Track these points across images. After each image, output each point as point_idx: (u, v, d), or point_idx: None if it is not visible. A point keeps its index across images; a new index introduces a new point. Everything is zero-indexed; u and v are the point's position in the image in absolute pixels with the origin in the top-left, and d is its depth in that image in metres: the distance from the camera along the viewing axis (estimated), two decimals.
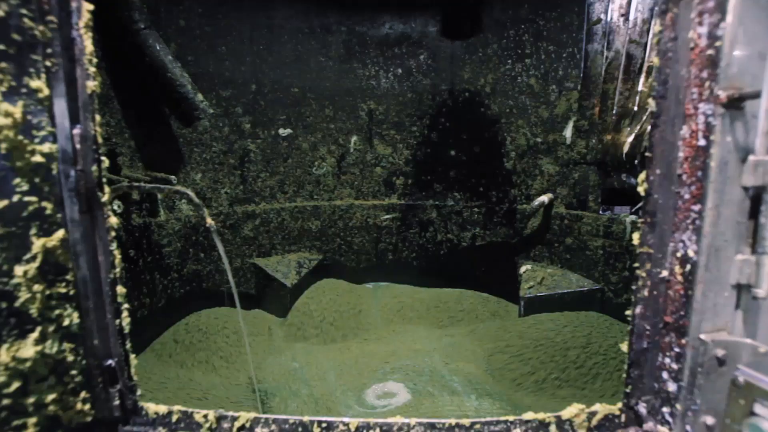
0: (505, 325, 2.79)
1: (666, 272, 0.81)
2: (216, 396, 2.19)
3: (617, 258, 2.79)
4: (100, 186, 0.82)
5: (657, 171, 0.79)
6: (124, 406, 0.82)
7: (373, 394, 2.20)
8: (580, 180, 3.05)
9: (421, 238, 3.55)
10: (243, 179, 3.30)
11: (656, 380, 0.84)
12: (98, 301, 0.82)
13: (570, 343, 2.47)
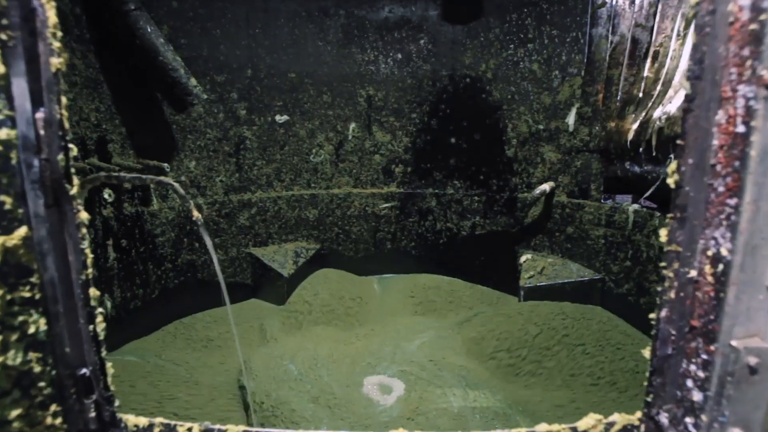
0: (503, 316, 2.72)
1: (694, 272, 0.73)
2: (212, 391, 2.12)
3: (619, 248, 2.72)
4: (68, 177, 0.72)
5: (689, 161, 0.71)
6: (101, 418, 0.74)
7: (370, 388, 2.14)
8: (583, 168, 2.96)
9: (420, 226, 3.47)
10: (238, 167, 3.19)
11: (679, 388, 0.76)
12: (69, 304, 0.73)
13: (568, 338, 2.41)
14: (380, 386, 2.14)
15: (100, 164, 2.49)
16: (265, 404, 1.98)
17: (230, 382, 2.23)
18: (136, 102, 2.72)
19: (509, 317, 2.65)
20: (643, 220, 2.56)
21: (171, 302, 2.87)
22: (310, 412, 1.91)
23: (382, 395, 2.08)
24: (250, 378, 2.19)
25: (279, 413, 1.92)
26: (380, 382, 2.17)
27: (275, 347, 2.48)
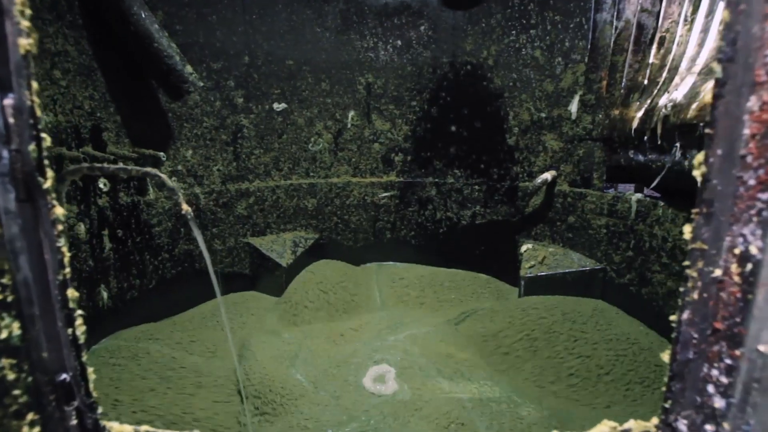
0: (503, 309, 2.68)
1: (719, 271, 0.67)
2: (212, 385, 2.08)
3: (621, 237, 2.66)
4: (41, 169, 0.66)
5: (718, 151, 0.64)
6: (84, 426, 0.68)
7: (369, 379, 2.10)
8: (585, 157, 2.89)
9: (420, 216, 3.41)
10: (236, 156, 3.11)
11: (699, 394, 0.70)
12: (45, 306, 0.67)
13: (568, 332, 2.36)
14: (379, 378, 2.10)
15: (94, 153, 2.41)
16: (264, 395, 1.94)
17: (227, 373, 2.19)
18: (131, 90, 2.63)
19: (509, 311, 2.61)
20: (646, 210, 2.50)
21: (168, 292, 2.82)
22: (311, 403, 1.87)
23: (381, 387, 2.04)
24: (250, 368, 2.15)
25: (277, 403, 1.88)
26: (378, 373, 2.13)
27: (273, 339, 2.44)
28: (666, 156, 2.26)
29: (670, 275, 2.32)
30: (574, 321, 2.40)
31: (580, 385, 2.13)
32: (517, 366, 2.29)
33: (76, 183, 2.31)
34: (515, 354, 2.34)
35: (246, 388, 2.04)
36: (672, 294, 2.30)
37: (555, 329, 2.37)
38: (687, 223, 0.70)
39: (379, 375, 2.12)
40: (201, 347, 2.42)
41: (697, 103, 2.03)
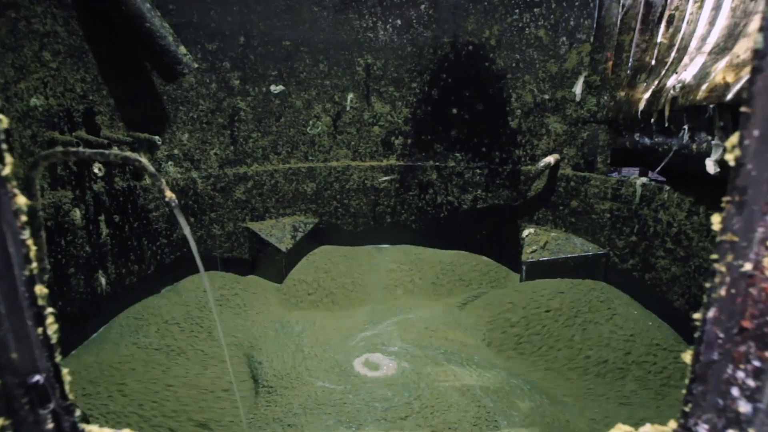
0: (504, 294, 2.63)
1: (750, 265, 0.61)
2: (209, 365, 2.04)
3: (625, 222, 2.59)
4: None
5: (755, 132, 0.57)
6: (61, 429, 0.62)
7: (369, 365, 2.05)
8: (589, 140, 2.80)
9: (420, 200, 3.34)
10: (233, 139, 3.03)
11: (722, 397, 0.64)
12: (12, 305, 0.61)
13: (570, 316, 2.31)
14: (381, 364, 2.06)
15: (88, 137, 2.33)
16: (269, 382, 1.91)
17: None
18: (124, 72, 2.53)
19: (512, 295, 2.56)
20: (651, 194, 2.42)
21: (167, 277, 2.77)
22: (312, 390, 1.84)
23: (384, 373, 2.00)
24: (258, 355, 2.11)
25: (278, 389, 1.84)
26: (381, 360, 2.09)
27: (274, 324, 2.40)
28: (673, 139, 2.17)
29: (674, 261, 2.26)
30: (576, 303, 2.35)
31: (582, 368, 2.09)
32: (520, 350, 2.25)
33: (70, 168, 2.24)
34: (517, 338, 2.30)
35: (256, 375, 2.01)
36: (676, 280, 2.24)
37: (558, 312, 2.32)
38: (715, 211, 0.63)
39: (379, 363, 2.08)
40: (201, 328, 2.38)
41: (707, 83, 1.94)
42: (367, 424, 1.62)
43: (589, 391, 1.95)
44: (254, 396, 1.91)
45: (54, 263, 2.07)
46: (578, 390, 1.98)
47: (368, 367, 2.03)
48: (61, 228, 2.12)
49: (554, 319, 2.30)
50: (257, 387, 1.95)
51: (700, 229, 2.11)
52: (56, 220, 2.09)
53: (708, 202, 2.09)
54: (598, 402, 1.87)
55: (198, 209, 2.93)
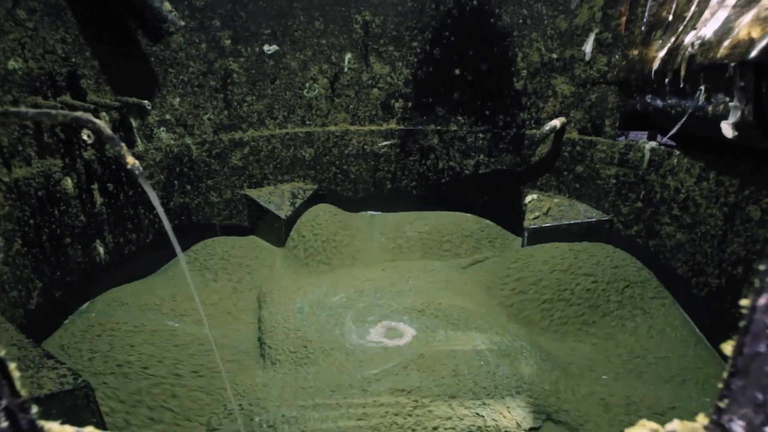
0: (507, 258, 2.58)
1: None
2: None
3: (630, 188, 2.51)
4: None
5: None
6: (18, 427, 0.58)
7: (375, 331, 2.04)
8: (598, 102, 2.66)
9: (421, 165, 3.23)
10: (227, 103, 2.89)
11: (763, 391, 0.59)
12: None
13: (575, 278, 2.28)
14: (389, 330, 2.05)
15: (73, 102, 2.22)
16: (276, 347, 1.90)
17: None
18: (108, 32, 2.38)
19: (516, 259, 2.51)
20: (660, 159, 2.32)
21: (167, 246, 2.73)
22: (314, 361, 1.83)
23: (391, 339, 1.99)
24: (262, 321, 2.10)
25: (287, 354, 1.84)
26: (388, 326, 2.08)
27: (276, 289, 2.37)
28: (688, 101, 2.04)
29: (680, 228, 2.19)
30: (582, 266, 2.31)
31: (586, 329, 2.08)
32: (524, 314, 2.23)
33: (58, 135, 2.14)
34: (521, 302, 2.28)
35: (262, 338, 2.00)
36: (680, 247, 2.18)
37: (562, 275, 2.28)
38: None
39: (389, 328, 2.06)
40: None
41: (729, 40, 1.79)
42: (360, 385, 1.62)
43: (596, 356, 1.94)
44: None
45: (49, 233, 2.02)
46: (584, 354, 1.97)
47: (378, 332, 2.01)
48: (53, 197, 2.06)
49: (558, 282, 2.27)
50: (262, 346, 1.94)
51: (709, 195, 2.03)
52: (47, 189, 2.02)
53: (719, 167, 1.99)
54: (604, 367, 1.86)
55: (194, 176, 2.85)
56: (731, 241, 1.90)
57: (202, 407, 1.66)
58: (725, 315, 1.89)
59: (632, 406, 1.58)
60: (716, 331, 1.98)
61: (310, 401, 1.57)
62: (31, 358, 1.54)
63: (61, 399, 1.42)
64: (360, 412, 1.52)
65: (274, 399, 1.60)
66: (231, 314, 2.31)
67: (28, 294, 1.89)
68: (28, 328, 1.81)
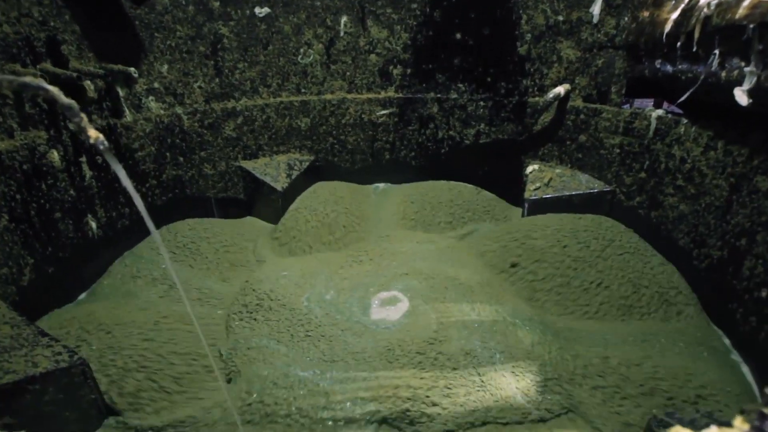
0: (506, 228, 2.53)
1: None
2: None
3: (635, 158, 2.43)
4: None
5: None
6: None
7: (376, 304, 2.02)
8: (604, 68, 2.54)
9: (420, 135, 3.13)
10: (218, 71, 2.76)
11: None
12: None
13: (574, 250, 2.24)
14: (386, 301, 2.02)
15: (54, 70, 2.09)
16: (279, 321, 1.88)
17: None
18: None
19: (513, 229, 2.47)
20: (667, 128, 2.24)
21: (161, 220, 2.67)
22: (318, 332, 1.81)
23: (389, 311, 1.97)
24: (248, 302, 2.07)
25: (290, 332, 1.82)
26: (386, 297, 2.06)
27: (273, 266, 2.33)
28: (700, 66, 1.94)
29: (684, 198, 2.14)
30: (580, 238, 2.27)
31: (584, 301, 2.06)
32: (520, 284, 2.20)
33: (41, 106, 2.03)
34: (518, 272, 2.25)
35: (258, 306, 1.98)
36: (683, 218, 2.14)
37: (561, 246, 2.25)
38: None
39: (386, 299, 2.04)
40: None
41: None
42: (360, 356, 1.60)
43: (596, 327, 1.93)
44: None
45: (37, 208, 1.96)
46: (584, 325, 1.96)
47: (376, 305, 1.99)
48: (39, 171, 1.98)
49: (556, 252, 2.23)
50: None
51: (715, 165, 1.97)
52: (32, 162, 1.94)
53: (728, 136, 1.92)
54: (605, 337, 1.85)
55: (186, 148, 2.75)
56: (736, 212, 1.85)
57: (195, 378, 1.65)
58: (727, 287, 1.87)
59: (632, 375, 1.58)
60: (716, 302, 1.96)
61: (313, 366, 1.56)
62: (24, 336, 1.51)
63: (57, 377, 1.40)
64: (366, 384, 1.51)
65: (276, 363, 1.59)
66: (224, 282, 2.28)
67: (20, 271, 1.84)
68: (21, 305, 1.78)
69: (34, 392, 1.36)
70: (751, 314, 1.72)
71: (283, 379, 1.57)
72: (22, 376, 1.34)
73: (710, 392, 1.52)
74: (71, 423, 1.46)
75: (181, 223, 2.70)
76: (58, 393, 1.42)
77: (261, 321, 1.91)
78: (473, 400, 1.47)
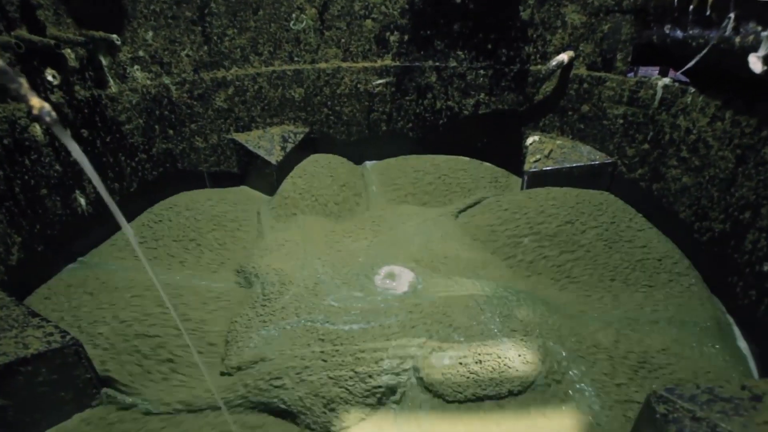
0: (503, 201, 2.48)
1: None
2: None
3: (638, 128, 2.36)
4: None
5: None
6: None
7: (377, 278, 1.99)
8: (610, 33, 2.42)
9: (418, 106, 3.02)
10: (206, 38, 2.61)
11: None
12: None
13: (572, 226, 2.20)
14: (386, 275, 1.99)
15: (31, 38, 1.96)
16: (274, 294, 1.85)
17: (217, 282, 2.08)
18: None
19: (511, 203, 2.42)
20: (673, 97, 2.15)
21: (152, 195, 2.59)
22: (316, 308, 1.78)
23: (390, 284, 1.94)
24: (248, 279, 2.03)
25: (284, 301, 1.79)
26: (386, 271, 2.02)
27: (270, 240, 2.29)
28: (712, 31, 1.84)
29: (687, 170, 2.08)
30: (579, 214, 2.23)
31: (582, 276, 2.04)
32: (518, 258, 2.17)
33: None
34: (515, 247, 2.21)
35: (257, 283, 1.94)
36: (685, 191, 2.09)
37: (558, 221, 2.21)
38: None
39: (386, 274, 2.01)
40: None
41: None
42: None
43: (594, 301, 1.91)
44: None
45: (22, 185, 1.88)
46: (582, 299, 1.94)
47: (376, 279, 1.96)
48: (21, 146, 1.88)
49: (555, 228, 2.19)
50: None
51: (722, 136, 1.90)
52: (13, 137, 1.84)
53: (737, 106, 1.84)
54: (604, 312, 1.84)
55: (176, 120, 2.64)
56: (741, 185, 1.80)
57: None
58: (727, 260, 1.84)
59: (631, 349, 1.56)
60: (716, 276, 1.94)
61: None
62: (14, 317, 1.47)
63: (49, 358, 1.37)
64: (371, 356, 1.49)
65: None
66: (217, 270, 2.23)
67: (7, 250, 1.78)
68: (10, 285, 1.73)
69: (26, 374, 1.33)
70: (750, 288, 1.70)
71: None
72: (13, 358, 1.31)
73: (708, 367, 1.51)
74: (68, 403, 1.45)
75: (178, 196, 2.63)
76: (51, 374, 1.39)
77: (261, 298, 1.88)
78: (471, 371, 1.45)
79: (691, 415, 1.06)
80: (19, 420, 1.35)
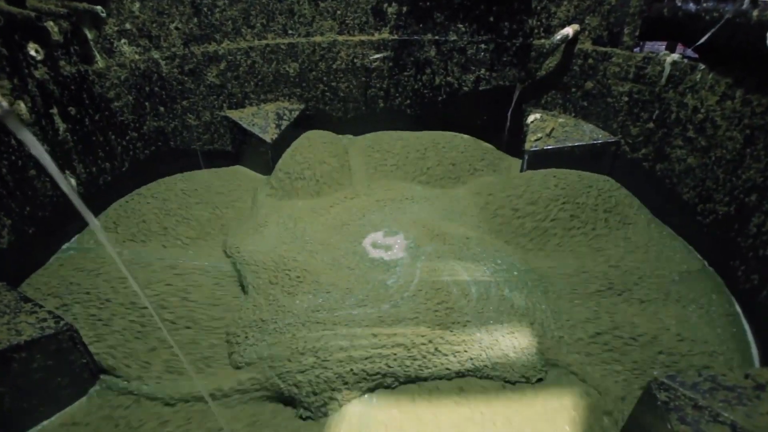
0: (500, 182, 2.43)
1: None
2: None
3: (644, 107, 2.29)
4: None
5: None
6: None
7: (372, 252, 1.96)
8: (618, 5, 2.31)
9: (416, 81, 2.92)
10: (196, 9, 2.48)
11: None
12: None
13: (571, 209, 2.16)
14: (381, 248, 1.97)
15: (10, 9, 1.85)
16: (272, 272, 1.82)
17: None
18: None
19: (508, 183, 2.37)
20: (681, 75, 2.07)
21: (144, 174, 2.52)
22: (315, 287, 1.76)
23: (385, 258, 1.92)
24: (244, 261, 2.00)
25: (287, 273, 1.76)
26: (380, 243, 2.00)
27: (268, 217, 2.24)
28: (728, 4, 1.75)
29: (692, 151, 2.03)
30: (579, 198, 2.19)
31: (580, 261, 2.02)
32: (514, 240, 2.14)
33: (1, 52, 1.82)
34: (510, 227, 2.18)
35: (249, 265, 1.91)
36: (690, 171, 2.04)
37: (555, 203, 2.17)
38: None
39: (383, 246, 1.98)
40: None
41: None
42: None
43: (592, 283, 1.89)
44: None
45: (9, 165, 1.81)
46: (578, 282, 1.92)
47: (372, 253, 1.93)
48: (5, 125, 1.80)
49: (554, 212, 2.15)
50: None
51: (731, 116, 1.84)
52: None
53: (748, 85, 1.77)
54: (603, 296, 1.82)
55: (167, 97, 2.54)
56: (748, 167, 1.75)
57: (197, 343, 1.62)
58: (730, 243, 1.81)
59: (631, 335, 1.55)
60: (719, 259, 1.92)
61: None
62: (6, 302, 1.43)
63: (43, 344, 1.34)
64: (369, 341, 1.47)
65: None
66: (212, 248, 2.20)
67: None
68: (1, 269, 1.69)
69: (20, 361, 1.31)
70: (753, 272, 1.68)
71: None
72: (6, 345, 1.28)
73: (708, 350, 1.50)
74: (65, 388, 1.43)
75: (171, 178, 2.56)
76: (47, 360, 1.37)
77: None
78: (468, 358, 1.44)
79: (693, 404, 1.04)
80: (16, 407, 1.33)
